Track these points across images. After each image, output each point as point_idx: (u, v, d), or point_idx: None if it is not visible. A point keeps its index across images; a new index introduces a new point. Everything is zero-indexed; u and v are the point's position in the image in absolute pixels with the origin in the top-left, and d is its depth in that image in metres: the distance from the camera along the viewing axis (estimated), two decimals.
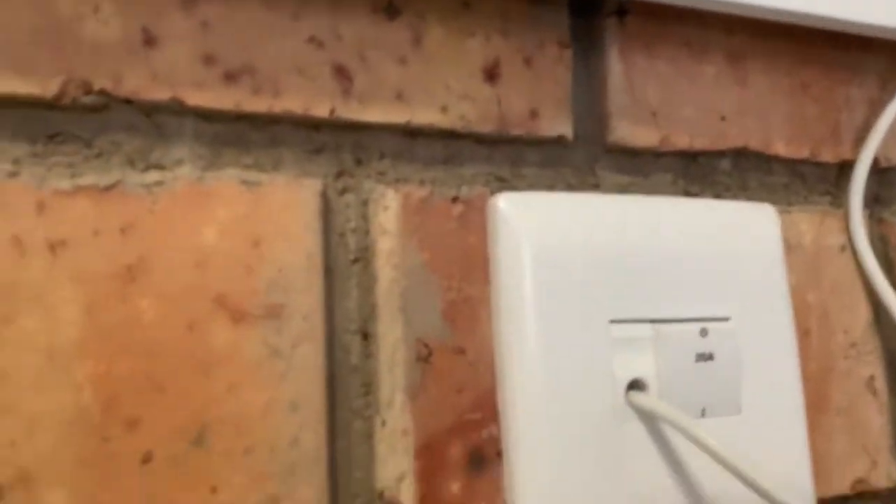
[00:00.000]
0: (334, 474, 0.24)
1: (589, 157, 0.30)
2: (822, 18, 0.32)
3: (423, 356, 0.25)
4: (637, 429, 0.26)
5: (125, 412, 0.21)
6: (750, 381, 0.28)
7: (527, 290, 0.26)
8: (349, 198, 0.26)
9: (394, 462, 0.24)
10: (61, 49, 0.22)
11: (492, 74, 0.28)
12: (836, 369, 0.33)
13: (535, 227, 0.26)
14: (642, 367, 0.27)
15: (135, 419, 0.21)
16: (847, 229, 0.34)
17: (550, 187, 0.29)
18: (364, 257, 0.25)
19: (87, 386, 0.21)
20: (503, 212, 0.26)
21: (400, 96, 0.26)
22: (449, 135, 0.27)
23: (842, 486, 0.32)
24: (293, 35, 0.25)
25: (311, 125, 0.25)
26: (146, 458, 0.21)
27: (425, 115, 0.26)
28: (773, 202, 0.33)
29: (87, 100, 0.22)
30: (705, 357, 0.28)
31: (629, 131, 0.30)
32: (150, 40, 0.23)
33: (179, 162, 0.23)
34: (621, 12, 0.30)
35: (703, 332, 0.28)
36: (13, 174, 0.21)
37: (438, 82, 0.27)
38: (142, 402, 0.21)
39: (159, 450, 0.21)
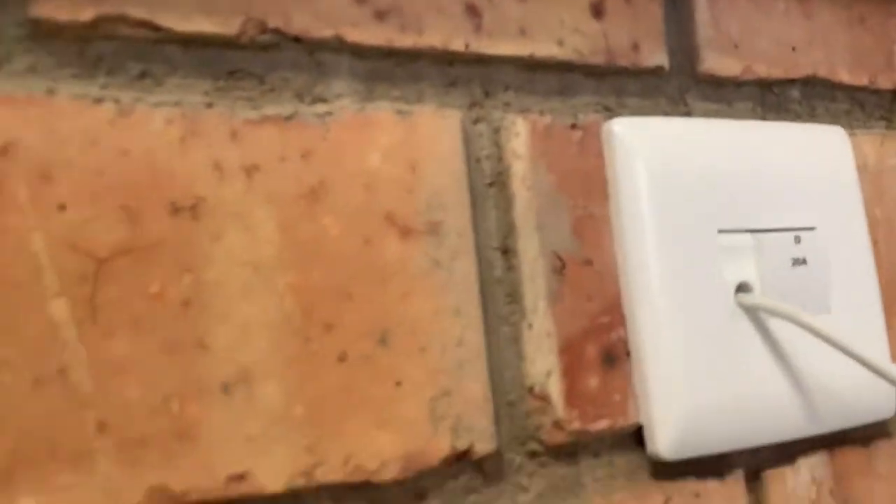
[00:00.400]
0: (491, 372, 0.26)
1: (681, 86, 0.32)
2: None
3: (558, 268, 0.28)
4: (746, 326, 0.29)
5: (321, 317, 0.24)
6: (836, 284, 0.31)
7: (643, 206, 0.29)
8: (481, 127, 0.28)
9: (541, 361, 0.27)
10: None
11: (598, 11, 0.30)
12: None
13: (647, 149, 0.29)
14: (746, 272, 0.30)
15: (329, 323, 0.24)
16: None
17: (648, 115, 0.31)
18: (499, 181, 0.28)
19: (288, 294, 0.23)
20: (618, 135, 0.29)
21: (523, 31, 0.28)
22: (563, 67, 0.30)
23: None
24: None
25: (446, 61, 0.28)
26: (341, 357, 0.24)
27: (545, 49, 0.29)
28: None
29: (263, 38, 0.24)
30: (800, 262, 0.30)
31: (716, 62, 0.33)
32: None
33: (339, 96, 0.26)
34: None
35: (797, 240, 0.31)
36: (209, 105, 0.23)
37: (554, 18, 0.29)
38: (334, 308, 0.24)
39: (351, 349, 0.24)
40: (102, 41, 0.23)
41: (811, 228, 0.31)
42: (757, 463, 0.31)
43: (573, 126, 0.29)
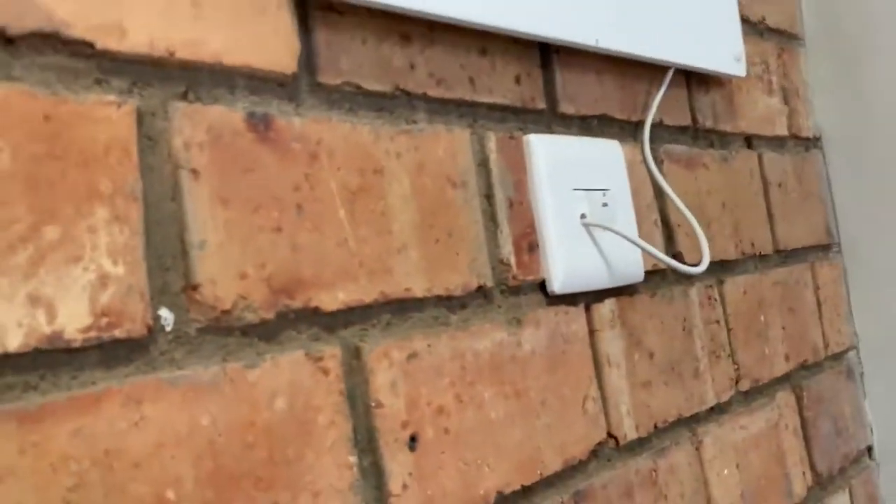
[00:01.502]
0: (487, 250, 0.56)
1: (550, 121, 0.65)
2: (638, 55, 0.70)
3: (510, 205, 0.58)
4: (585, 234, 0.62)
5: (429, 221, 0.52)
6: (619, 215, 0.66)
7: (542, 176, 0.60)
8: (473, 137, 0.57)
9: (506, 247, 0.57)
10: None
11: (517, 79, 0.61)
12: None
13: (543, 148, 0.61)
14: (583, 208, 0.63)
15: (432, 224, 0.52)
16: (642, 153, 0.73)
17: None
18: (483, 163, 0.57)
19: (417, 212, 0.51)
20: (532, 142, 0.60)
21: (490, 90, 0.58)
22: (504, 109, 0.60)
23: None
24: None
25: (466, 105, 0.57)
26: (422, 240, 0.52)
27: (498, 99, 0.59)
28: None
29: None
30: (606, 205, 0.64)
31: (565, 107, 0.65)
32: None
33: (421, 121, 0.54)
34: None
35: (604, 194, 0.64)
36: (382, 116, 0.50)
37: (499, 82, 0.59)
38: (434, 217, 0.52)
39: (427, 237, 0.52)
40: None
41: (608, 189, 0.65)
42: (587, 301, 0.64)
43: (511, 137, 0.60)
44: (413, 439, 0.48)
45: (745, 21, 0.92)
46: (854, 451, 1.00)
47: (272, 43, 0.45)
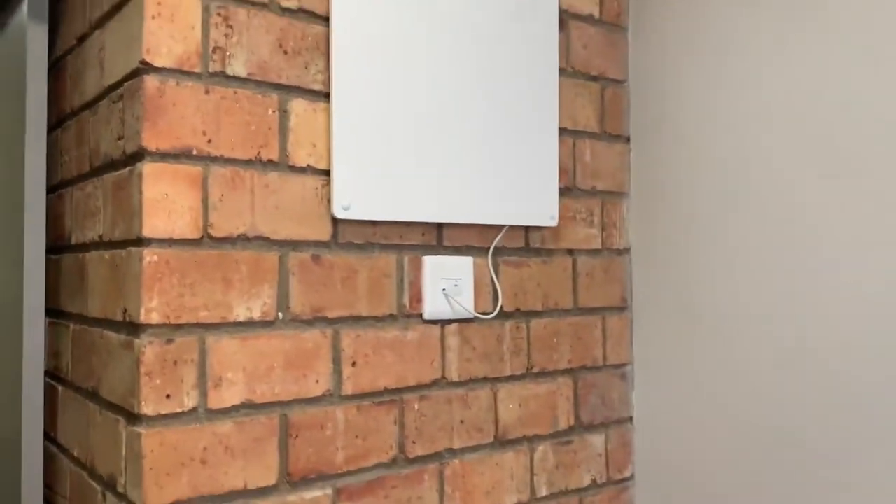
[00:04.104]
0: None
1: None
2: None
3: (410, 284, 1.53)
4: (444, 299, 1.57)
5: None
6: (464, 293, 1.60)
7: (427, 275, 1.55)
8: None
9: (406, 300, 1.53)
10: None
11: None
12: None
13: (429, 263, 1.55)
14: (445, 286, 1.57)
15: None
16: (487, 262, 1.66)
17: None
18: None
19: None
20: (425, 260, 1.55)
21: None
22: None
23: None
24: None
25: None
26: None
27: None
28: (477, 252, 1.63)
29: None
30: (457, 286, 1.58)
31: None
32: None
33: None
34: None
35: (456, 281, 1.58)
36: None
37: None
38: None
39: None
40: None
41: (460, 279, 1.59)
42: (442, 323, 1.58)
43: (416, 258, 1.55)
44: (354, 363, 1.45)
45: (579, 189, 1.82)
46: (616, 417, 1.90)
47: (325, 230, 1.42)
